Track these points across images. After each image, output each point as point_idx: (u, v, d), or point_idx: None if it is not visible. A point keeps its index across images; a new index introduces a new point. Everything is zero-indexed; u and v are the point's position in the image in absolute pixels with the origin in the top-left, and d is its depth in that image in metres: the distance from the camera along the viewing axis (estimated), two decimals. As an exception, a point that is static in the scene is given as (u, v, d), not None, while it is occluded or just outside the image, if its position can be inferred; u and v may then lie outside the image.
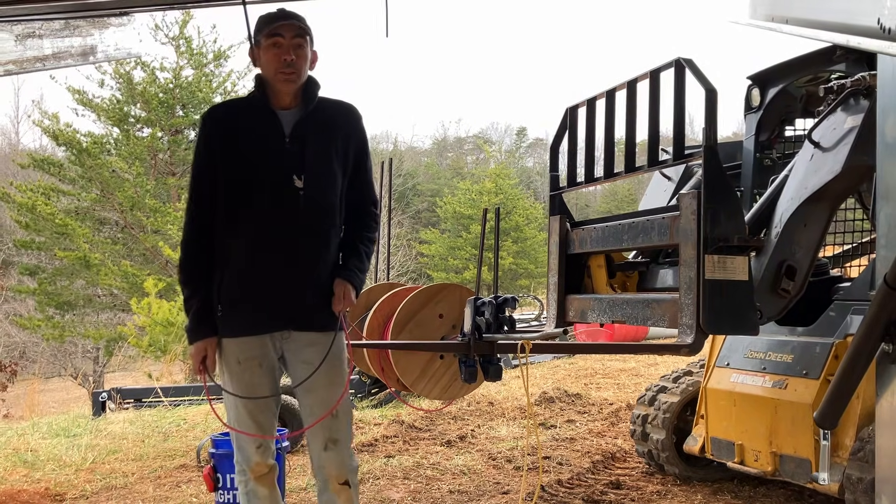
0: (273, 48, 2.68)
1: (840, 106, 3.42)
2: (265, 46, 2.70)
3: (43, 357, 23.56)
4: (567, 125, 3.87)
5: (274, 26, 2.68)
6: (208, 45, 21.74)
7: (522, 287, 30.82)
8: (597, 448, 5.68)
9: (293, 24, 2.69)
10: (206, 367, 2.73)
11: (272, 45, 2.68)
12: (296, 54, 2.68)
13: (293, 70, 2.68)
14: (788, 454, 3.74)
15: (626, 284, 3.94)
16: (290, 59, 2.67)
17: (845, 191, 3.52)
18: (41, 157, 22.31)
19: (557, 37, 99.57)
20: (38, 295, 20.80)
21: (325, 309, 2.75)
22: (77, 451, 5.92)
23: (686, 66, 3.03)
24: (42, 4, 3.37)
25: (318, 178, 2.73)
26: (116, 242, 21.30)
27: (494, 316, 3.08)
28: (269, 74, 2.72)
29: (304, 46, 2.71)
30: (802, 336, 3.93)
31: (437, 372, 3.45)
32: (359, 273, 2.82)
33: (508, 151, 56.04)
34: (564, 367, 10.90)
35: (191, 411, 7.39)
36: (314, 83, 2.80)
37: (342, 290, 2.74)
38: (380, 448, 5.90)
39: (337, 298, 2.73)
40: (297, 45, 2.70)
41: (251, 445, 2.76)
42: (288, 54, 2.67)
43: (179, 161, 21.79)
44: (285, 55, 2.67)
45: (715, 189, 2.94)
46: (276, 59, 2.68)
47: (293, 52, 2.68)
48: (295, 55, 2.68)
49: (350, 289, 2.75)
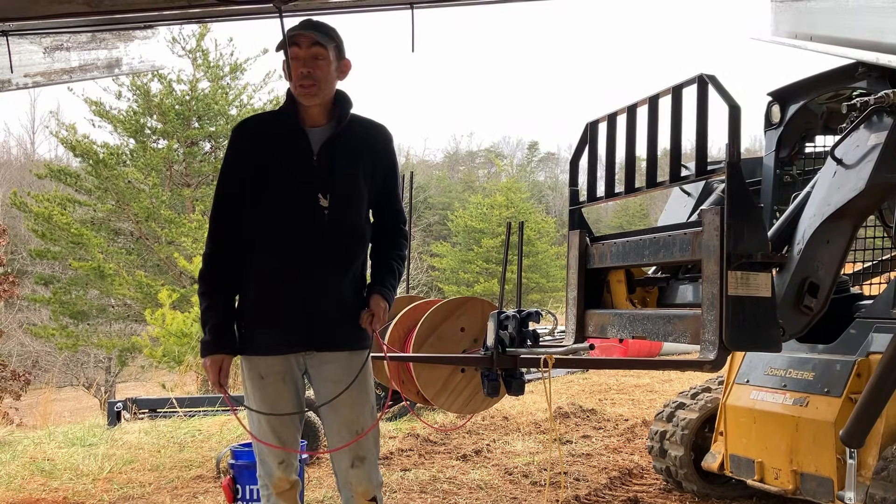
0: (292, 61, 2.63)
1: (863, 123, 3.42)
2: (288, 58, 2.66)
3: (56, 366, 23.67)
4: (587, 140, 3.88)
5: (292, 36, 2.63)
6: (225, 57, 21.91)
7: (534, 301, 30.73)
8: (613, 464, 5.65)
9: (309, 34, 2.63)
10: (223, 382, 2.71)
11: (292, 57, 2.64)
12: (312, 66, 2.62)
13: (311, 82, 2.63)
14: (810, 473, 3.72)
15: (645, 300, 3.93)
16: (304, 71, 2.62)
17: (868, 208, 3.52)
18: (57, 167, 22.51)
19: (571, 51, 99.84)
20: (52, 304, 20.93)
21: (348, 327, 2.74)
22: (94, 460, 5.94)
23: (709, 82, 3.04)
24: (70, 18, 3.42)
25: (343, 198, 2.71)
26: (131, 253, 21.43)
27: (518, 330, 3.08)
28: (292, 88, 2.69)
29: (323, 57, 2.64)
30: (823, 353, 3.91)
31: (459, 385, 3.45)
32: (393, 291, 2.82)
33: (520, 165, 56.11)
34: (578, 383, 10.87)
35: (206, 422, 7.40)
36: (345, 100, 2.76)
37: (380, 308, 2.73)
38: (395, 461, 5.89)
39: (376, 317, 2.72)
40: (314, 55, 2.63)
41: (274, 460, 2.74)
42: (303, 66, 2.62)
43: (195, 173, 21.93)
44: (301, 67, 2.62)
45: (738, 205, 2.94)
46: (294, 72, 2.64)
47: (308, 64, 2.62)
48: (311, 67, 2.62)
49: (386, 306, 2.75)
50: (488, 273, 31.03)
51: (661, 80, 3.29)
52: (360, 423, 2.75)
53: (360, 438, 2.72)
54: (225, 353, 2.70)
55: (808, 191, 3.61)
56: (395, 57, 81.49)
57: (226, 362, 2.71)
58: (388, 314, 2.81)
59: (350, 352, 2.76)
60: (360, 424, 2.75)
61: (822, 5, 2.78)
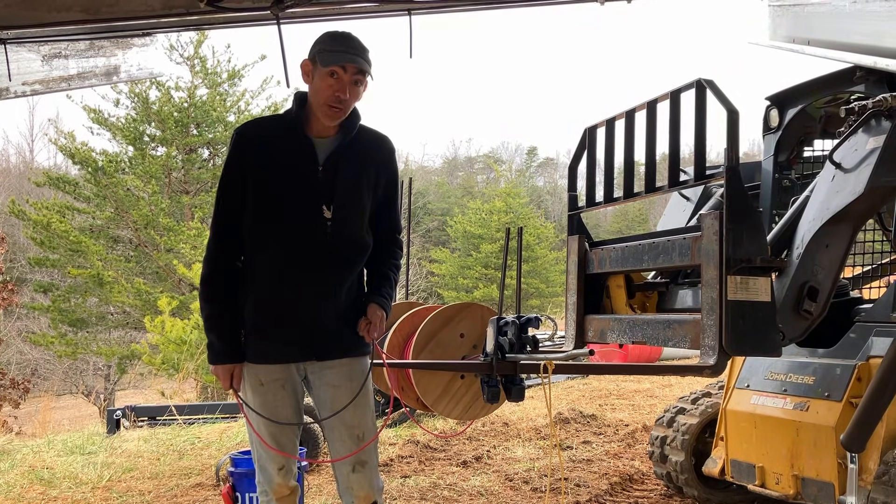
0: (329, 78, 2.59)
1: (861, 127, 3.42)
2: (322, 73, 2.59)
3: (55, 374, 23.65)
4: (585, 145, 3.88)
5: (339, 56, 2.58)
6: (223, 64, 21.97)
7: (533, 307, 30.72)
8: (614, 470, 5.64)
9: (358, 64, 2.60)
10: (235, 387, 2.73)
11: (329, 74, 2.59)
12: (351, 93, 2.61)
13: (343, 107, 2.63)
14: (811, 477, 3.71)
15: (645, 305, 3.93)
16: (344, 97, 2.60)
17: (867, 212, 3.52)
18: (56, 175, 22.54)
19: (569, 56, 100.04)
20: (51, 312, 20.93)
21: (348, 336, 2.74)
22: (93, 468, 5.92)
23: (707, 86, 3.04)
24: (68, 27, 3.42)
25: (346, 209, 2.71)
26: (130, 260, 21.43)
27: (517, 336, 3.07)
28: (315, 102, 2.65)
29: (361, 84, 2.64)
30: (823, 358, 3.90)
31: (458, 392, 3.44)
32: (389, 299, 2.82)
33: (519, 171, 56.15)
34: (578, 388, 10.85)
35: (205, 429, 7.39)
36: (356, 114, 2.75)
37: (377, 316, 2.73)
38: (395, 468, 5.88)
39: (373, 326, 2.72)
40: (356, 82, 2.62)
41: (273, 466, 2.75)
42: (343, 92, 2.59)
43: (193, 180, 21.95)
44: (340, 92, 2.59)
45: (737, 210, 2.94)
46: (328, 91, 2.59)
47: (349, 91, 2.60)
48: (350, 94, 2.61)
49: (383, 315, 2.76)
50: (487, 278, 31.04)
51: (660, 85, 3.29)
52: (361, 427, 2.75)
53: (365, 446, 2.73)
54: (237, 362, 2.73)
55: (807, 195, 3.61)
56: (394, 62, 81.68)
57: (237, 370, 2.73)
58: (386, 322, 2.81)
59: (350, 358, 2.76)
60: (362, 429, 2.75)
61: (819, 10, 2.79)
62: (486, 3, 2.93)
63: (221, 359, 2.72)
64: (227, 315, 2.72)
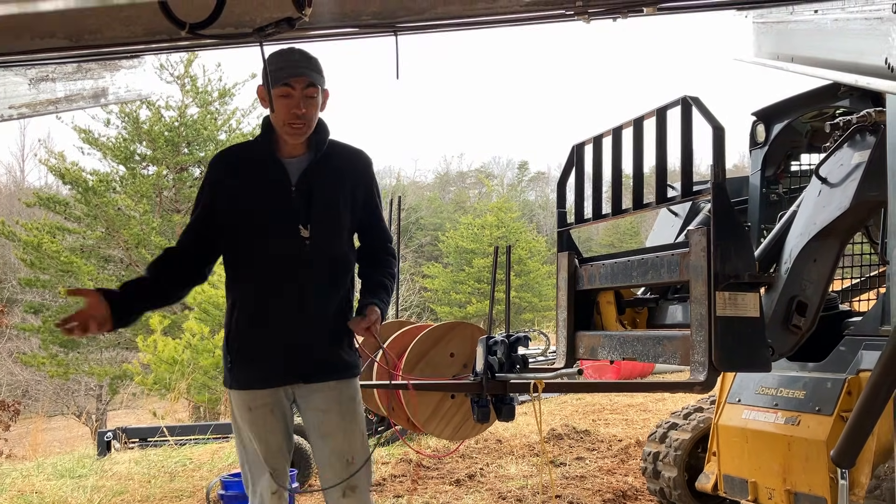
0: (283, 98, 2.60)
1: (847, 142, 3.45)
2: (275, 94, 2.61)
3: (46, 395, 23.46)
4: (574, 162, 3.90)
5: (285, 73, 2.60)
6: (213, 83, 21.99)
7: (526, 321, 30.71)
8: (607, 486, 5.62)
9: (305, 75, 2.61)
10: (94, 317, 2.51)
11: (282, 95, 2.60)
12: (306, 106, 2.61)
13: (303, 122, 2.63)
14: (803, 492, 3.70)
15: (635, 321, 3.93)
16: (300, 112, 2.60)
17: (854, 226, 3.54)
18: (47, 195, 22.45)
19: (560, 71, 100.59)
20: (42, 333, 20.78)
21: (336, 357, 2.72)
22: (83, 492, 5.86)
23: (693, 103, 3.06)
24: (56, 53, 3.41)
25: (324, 227, 2.70)
26: (122, 280, 21.29)
27: (507, 355, 3.07)
28: (277, 124, 2.66)
29: (315, 96, 2.64)
30: (814, 372, 3.90)
31: (449, 412, 3.42)
32: (385, 304, 2.79)
33: (510, 185, 56.30)
34: (572, 403, 10.82)
35: (197, 450, 7.34)
36: (324, 129, 2.75)
37: (374, 313, 2.70)
38: (388, 488, 5.84)
39: (367, 320, 2.68)
40: (308, 95, 2.62)
41: (267, 491, 2.72)
42: (298, 108, 2.60)
43: (185, 199, 21.90)
44: (295, 108, 2.60)
45: (724, 226, 2.95)
46: (284, 111, 2.61)
47: (303, 105, 2.61)
48: (305, 107, 2.61)
49: (379, 316, 2.72)
50: (480, 293, 31.02)
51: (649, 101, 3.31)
52: (351, 451, 2.73)
53: (355, 471, 2.69)
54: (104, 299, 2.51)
55: (794, 209, 3.63)
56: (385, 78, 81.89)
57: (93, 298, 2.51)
58: (381, 337, 2.79)
59: (338, 381, 2.74)
60: (352, 453, 2.73)
61: (802, 27, 2.81)
62: (472, 24, 2.95)
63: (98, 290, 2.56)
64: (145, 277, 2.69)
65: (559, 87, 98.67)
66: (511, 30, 3.37)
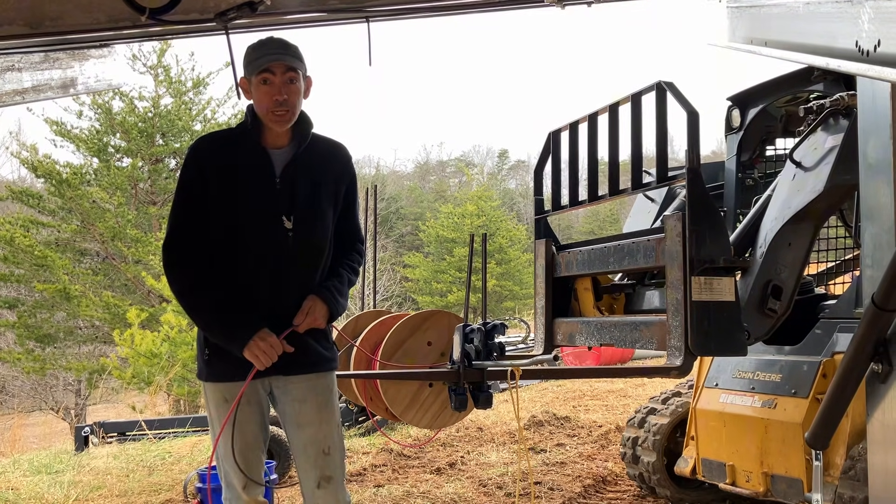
0: (264, 85, 2.57)
1: (820, 126, 3.46)
2: (255, 83, 2.59)
3: (23, 391, 23.21)
4: (550, 149, 3.89)
5: (264, 60, 2.57)
6: (187, 73, 21.70)
7: (507, 309, 30.81)
8: (588, 472, 5.64)
9: (283, 61, 2.57)
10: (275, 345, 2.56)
11: (262, 81, 2.57)
12: (287, 92, 2.58)
13: (286, 109, 2.59)
14: (780, 474, 3.73)
15: (613, 307, 3.94)
16: (282, 98, 2.57)
17: (828, 209, 3.56)
18: (20, 188, 22.10)
19: (538, 59, 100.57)
20: (17, 328, 20.50)
21: (314, 349, 2.70)
22: (59, 488, 5.80)
23: (667, 88, 3.05)
24: (21, 40, 3.34)
25: (307, 219, 2.67)
26: (97, 273, 21.08)
27: (484, 343, 3.06)
28: (260, 112, 2.63)
29: (296, 81, 2.60)
30: (790, 355, 3.94)
31: (427, 401, 3.41)
32: (335, 293, 2.71)
33: (490, 174, 56.32)
34: (552, 390, 10.86)
35: (176, 444, 7.28)
36: (307, 121, 2.72)
37: (309, 304, 2.64)
38: (369, 477, 5.83)
39: (301, 312, 2.63)
40: (289, 80, 2.59)
41: (239, 483, 2.70)
42: (280, 94, 2.57)
43: (160, 190, 21.67)
44: (277, 95, 2.57)
45: (699, 211, 2.95)
46: (267, 98, 2.58)
47: (285, 91, 2.57)
48: (287, 93, 2.58)
49: (319, 304, 2.65)
50: (461, 282, 31.04)
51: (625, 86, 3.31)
52: (326, 441, 2.71)
53: None
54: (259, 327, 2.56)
55: (769, 194, 3.64)
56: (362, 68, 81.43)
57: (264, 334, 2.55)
58: (326, 319, 2.71)
59: (317, 373, 2.72)
60: (327, 443, 2.71)
61: (774, 11, 2.81)
62: (445, 10, 2.92)
63: (246, 334, 2.55)
64: (223, 307, 2.60)
65: (538, 74, 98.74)
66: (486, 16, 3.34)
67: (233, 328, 2.58)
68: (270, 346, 2.54)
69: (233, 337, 2.58)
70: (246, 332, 2.55)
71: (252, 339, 2.54)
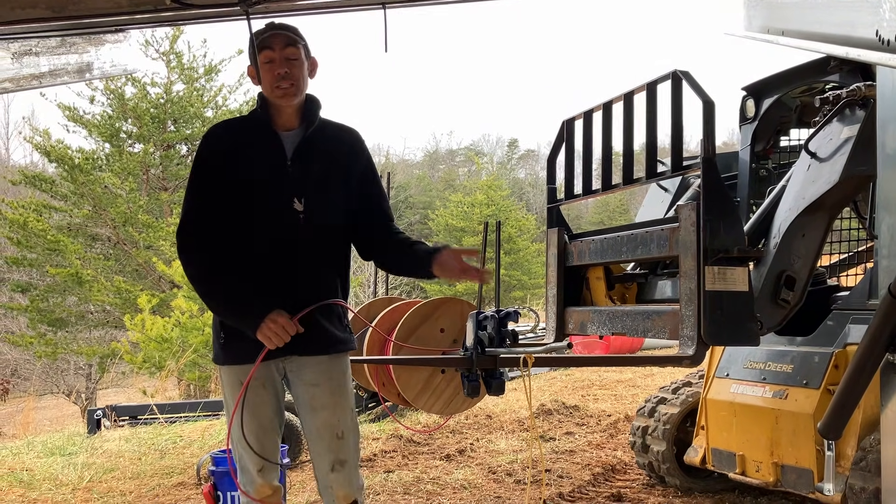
0: (267, 64, 2.63)
1: (836, 116, 3.45)
2: (261, 65, 2.64)
3: (35, 374, 23.42)
4: (564, 137, 3.89)
5: (263, 39, 2.63)
6: (199, 59, 21.72)
7: (516, 298, 30.81)
8: (597, 460, 5.67)
9: (281, 34, 2.63)
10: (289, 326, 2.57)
11: (265, 60, 2.63)
12: (289, 66, 2.62)
13: (290, 82, 2.63)
14: (790, 464, 3.74)
15: (625, 296, 3.94)
16: (282, 72, 2.61)
17: (842, 200, 3.55)
18: (32, 173, 22.23)
19: (550, 48, 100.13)
20: (30, 312, 20.66)
21: (329, 331, 2.71)
22: (73, 470, 5.86)
23: (683, 78, 3.05)
24: (39, 24, 3.36)
25: (318, 201, 2.69)
26: (109, 258, 21.21)
27: (497, 330, 3.07)
28: (266, 91, 2.67)
29: (296, 56, 2.65)
30: (801, 346, 3.93)
31: (439, 387, 3.44)
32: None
33: (500, 163, 56.21)
34: (561, 379, 10.89)
35: (187, 428, 7.34)
36: (315, 102, 2.75)
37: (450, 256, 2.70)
38: (379, 463, 5.87)
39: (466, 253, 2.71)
40: (289, 55, 2.63)
41: (254, 467, 2.72)
42: (280, 67, 2.61)
43: (172, 176, 21.75)
44: (278, 69, 2.62)
45: (714, 200, 2.95)
46: (270, 74, 2.63)
47: (286, 64, 2.62)
48: (288, 67, 2.62)
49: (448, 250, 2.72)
50: (471, 271, 31.01)
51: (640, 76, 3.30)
52: (340, 425, 2.73)
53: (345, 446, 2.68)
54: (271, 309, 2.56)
55: (784, 184, 3.63)
56: (373, 56, 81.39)
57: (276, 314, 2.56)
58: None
59: (331, 356, 2.74)
60: (341, 427, 2.73)
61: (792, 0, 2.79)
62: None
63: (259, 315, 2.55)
64: (237, 289, 2.61)
65: (550, 63, 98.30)
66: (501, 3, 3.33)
67: (246, 310, 2.60)
68: (282, 326, 2.56)
69: (246, 318, 2.60)
70: (259, 313, 2.57)
71: (264, 320, 2.56)
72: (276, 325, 2.55)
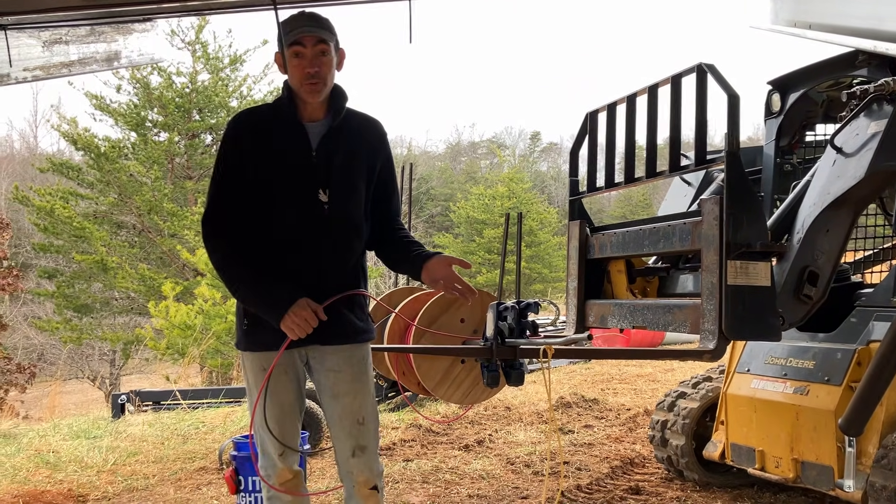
0: (295, 58, 2.63)
1: (863, 111, 3.41)
2: (289, 56, 2.65)
3: (61, 359, 23.80)
4: (587, 130, 3.88)
5: (295, 35, 2.62)
6: (224, 49, 21.90)
7: (536, 292, 30.77)
8: (615, 453, 5.67)
9: (314, 33, 2.62)
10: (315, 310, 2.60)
11: (294, 54, 2.63)
12: (318, 63, 2.63)
13: (317, 80, 2.63)
14: (810, 461, 3.73)
15: (646, 290, 3.94)
16: (312, 70, 2.62)
17: (868, 196, 3.51)
18: (60, 161, 22.54)
19: (572, 40, 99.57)
20: (56, 298, 21.01)
21: (350, 320, 2.74)
22: (98, 452, 5.97)
23: (708, 71, 3.03)
24: (69, 13, 3.41)
25: (342, 192, 2.71)
26: (134, 246, 21.48)
27: (517, 321, 3.08)
28: (294, 85, 2.68)
29: (327, 53, 2.65)
30: (824, 342, 3.91)
31: (459, 376, 3.46)
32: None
33: (522, 156, 56.02)
34: (581, 373, 10.88)
35: (209, 414, 7.43)
36: (342, 94, 2.76)
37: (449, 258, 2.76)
38: (398, 452, 5.91)
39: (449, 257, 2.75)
40: (320, 52, 2.63)
41: (275, 452, 2.76)
42: (311, 66, 2.62)
43: (196, 165, 21.95)
44: (308, 67, 2.62)
45: (737, 194, 2.94)
46: (299, 70, 2.63)
47: (316, 63, 2.62)
48: (318, 65, 2.62)
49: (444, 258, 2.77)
50: (490, 264, 31.05)
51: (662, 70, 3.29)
52: (361, 411, 2.76)
53: None
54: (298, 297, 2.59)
55: (808, 179, 3.61)
56: (397, 47, 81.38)
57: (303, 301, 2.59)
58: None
59: (353, 344, 2.77)
60: (362, 413, 2.77)
61: (820, -7, 2.77)
62: (486, -13, 2.92)
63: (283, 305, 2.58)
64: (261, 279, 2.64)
65: (572, 56, 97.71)
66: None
67: (270, 300, 2.63)
68: (305, 319, 2.59)
69: (270, 308, 2.63)
70: (283, 305, 2.60)
71: (288, 311, 2.59)
72: (298, 317, 2.58)
